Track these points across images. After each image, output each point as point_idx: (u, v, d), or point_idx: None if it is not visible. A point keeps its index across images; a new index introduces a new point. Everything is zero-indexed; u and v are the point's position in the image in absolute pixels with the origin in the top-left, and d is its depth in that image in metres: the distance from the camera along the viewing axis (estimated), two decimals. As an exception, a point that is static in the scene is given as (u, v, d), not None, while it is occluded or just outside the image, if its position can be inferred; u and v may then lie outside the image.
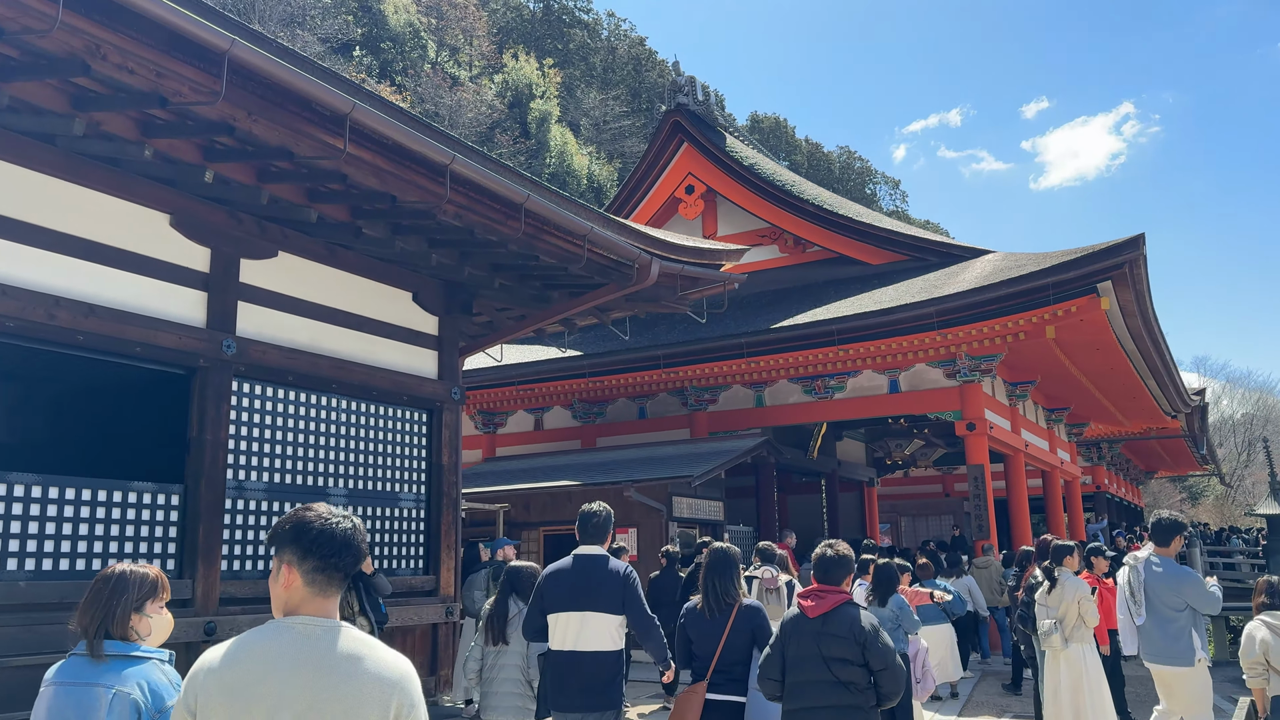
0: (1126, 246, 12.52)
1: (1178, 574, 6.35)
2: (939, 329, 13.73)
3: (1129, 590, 6.52)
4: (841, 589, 4.48)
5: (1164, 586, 6.31)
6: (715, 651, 4.82)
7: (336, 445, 9.13)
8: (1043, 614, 7.89)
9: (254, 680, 1.99)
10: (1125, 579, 6.61)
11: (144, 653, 2.85)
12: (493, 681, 5.87)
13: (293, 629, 2.07)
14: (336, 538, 2.15)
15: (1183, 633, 6.24)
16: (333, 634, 2.08)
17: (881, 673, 4.23)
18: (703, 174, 17.99)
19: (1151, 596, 6.35)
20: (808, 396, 16.50)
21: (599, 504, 5.45)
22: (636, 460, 14.91)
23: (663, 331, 16.75)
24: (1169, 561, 6.45)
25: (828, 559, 4.54)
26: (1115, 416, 22.03)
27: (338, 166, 7.12)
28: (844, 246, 16.97)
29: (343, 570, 2.16)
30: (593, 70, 61.90)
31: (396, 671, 2.08)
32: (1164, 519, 6.61)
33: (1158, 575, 6.36)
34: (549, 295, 10.58)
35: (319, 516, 2.18)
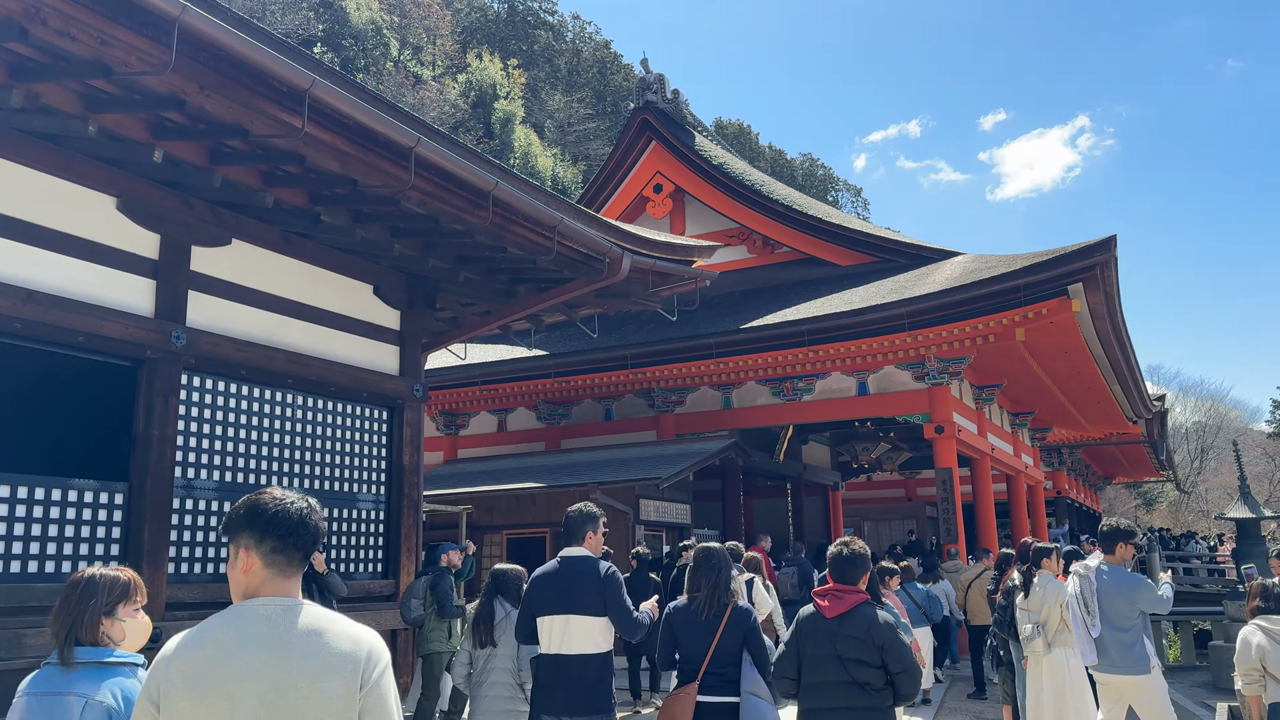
0: (1098, 249, 12.47)
1: (1128, 581, 6.16)
2: (910, 330, 13.59)
3: (1082, 601, 6.28)
4: (858, 589, 4.38)
5: (1115, 595, 6.12)
6: (707, 652, 4.74)
7: (292, 443, 8.74)
8: (1023, 618, 7.70)
9: (215, 665, 1.97)
10: (1077, 589, 6.36)
11: (117, 659, 2.77)
12: (482, 685, 5.73)
13: (253, 610, 2.06)
14: (292, 517, 2.16)
15: (1136, 641, 6.08)
16: (293, 613, 2.07)
17: (900, 675, 4.17)
18: (671, 173, 17.75)
19: (1104, 606, 6.15)
20: (776, 399, 16.30)
21: (580, 504, 5.30)
22: (602, 462, 14.61)
23: (630, 331, 16.47)
24: (1117, 569, 6.26)
25: (844, 558, 4.43)
26: (1079, 421, 22.11)
27: (295, 147, 6.76)
28: (813, 247, 16.81)
29: (301, 549, 2.16)
30: (557, 72, 61.56)
31: (360, 643, 2.07)
32: (1110, 526, 6.41)
33: (1108, 584, 6.17)
34: (516, 290, 10.26)
35: (273, 499, 2.18)
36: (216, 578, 7.91)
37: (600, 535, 5.17)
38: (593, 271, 9.34)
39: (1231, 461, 59.08)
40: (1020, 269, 12.93)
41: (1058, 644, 7.53)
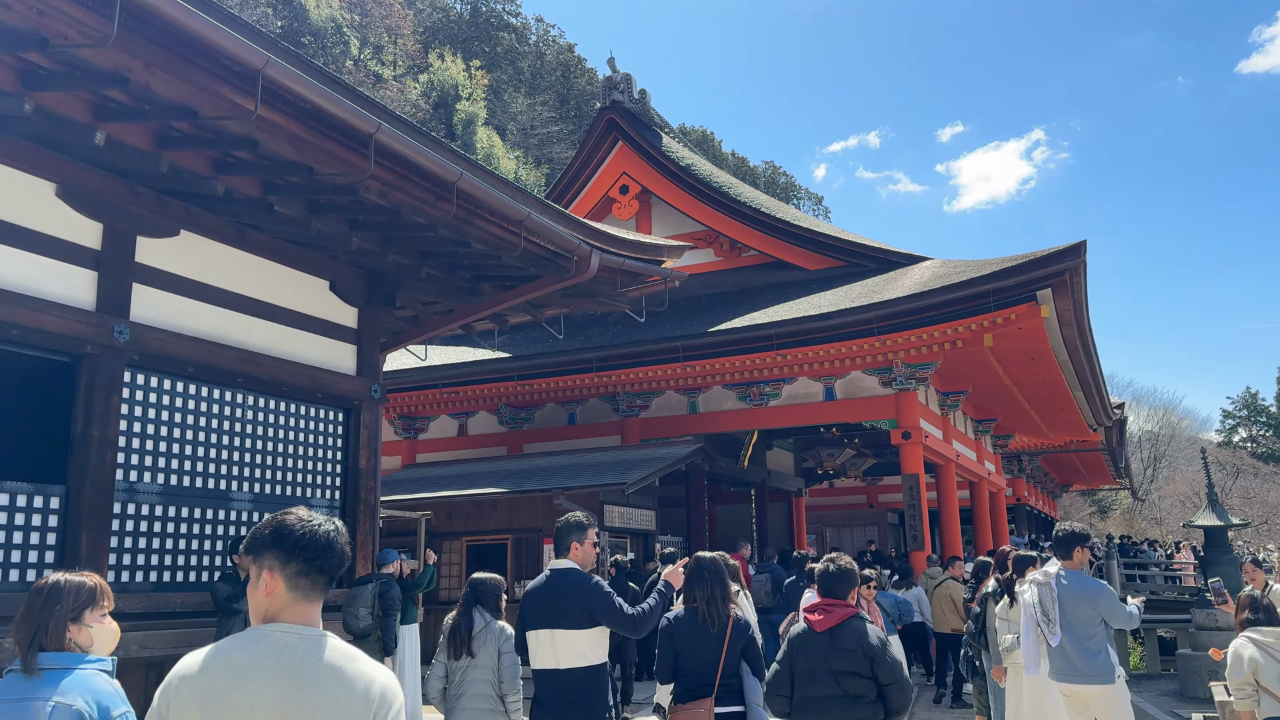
0: (1068, 254, 12.41)
1: (1089, 587, 5.95)
2: (880, 335, 13.44)
3: (1040, 609, 6.05)
4: (848, 603, 4.43)
5: (1078, 601, 5.89)
6: (715, 664, 4.71)
7: (242, 445, 8.33)
8: (1003, 628, 7.50)
9: (227, 690, 1.93)
10: (1035, 597, 6.10)
11: (83, 663, 2.72)
12: (460, 698, 5.52)
13: (271, 637, 2.01)
14: (320, 539, 2.09)
15: (1100, 649, 5.88)
16: (312, 643, 2.02)
17: (889, 686, 4.20)
18: (638, 174, 17.50)
19: (1066, 613, 5.92)
20: (743, 404, 16.09)
21: (569, 514, 5.19)
22: (566, 467, 14.29)
23: (596, 334, 16.17)
24: (1077, 574, 6.01)
25: (832, 573, 4.50)
26: (1041, 429, 22.19)
27: (248, 131, 6.39)
28: (781, 251, 16.63)
29: (327, 574, 2.10)
30: (521, 75, 61.14)
31: (378, 685, 2.02)
32: (1065, 531, 6.19)
33: (1068, 590, 5.94)
34: (479, 288, 9.92)
35: (300, 520, 2.12)
36: (160, 587, 7.49)
37: (589, 545, 5.00)
38: (560, 269, 9.04)
39: (1183, 470, 60.20)
40: (990, 274, 12.83)
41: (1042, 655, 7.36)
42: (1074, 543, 6.04)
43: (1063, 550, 6.07)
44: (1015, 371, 16.27)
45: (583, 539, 5.02)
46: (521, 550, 13.37)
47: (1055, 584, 5.95)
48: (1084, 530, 6.13)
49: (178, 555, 7.74)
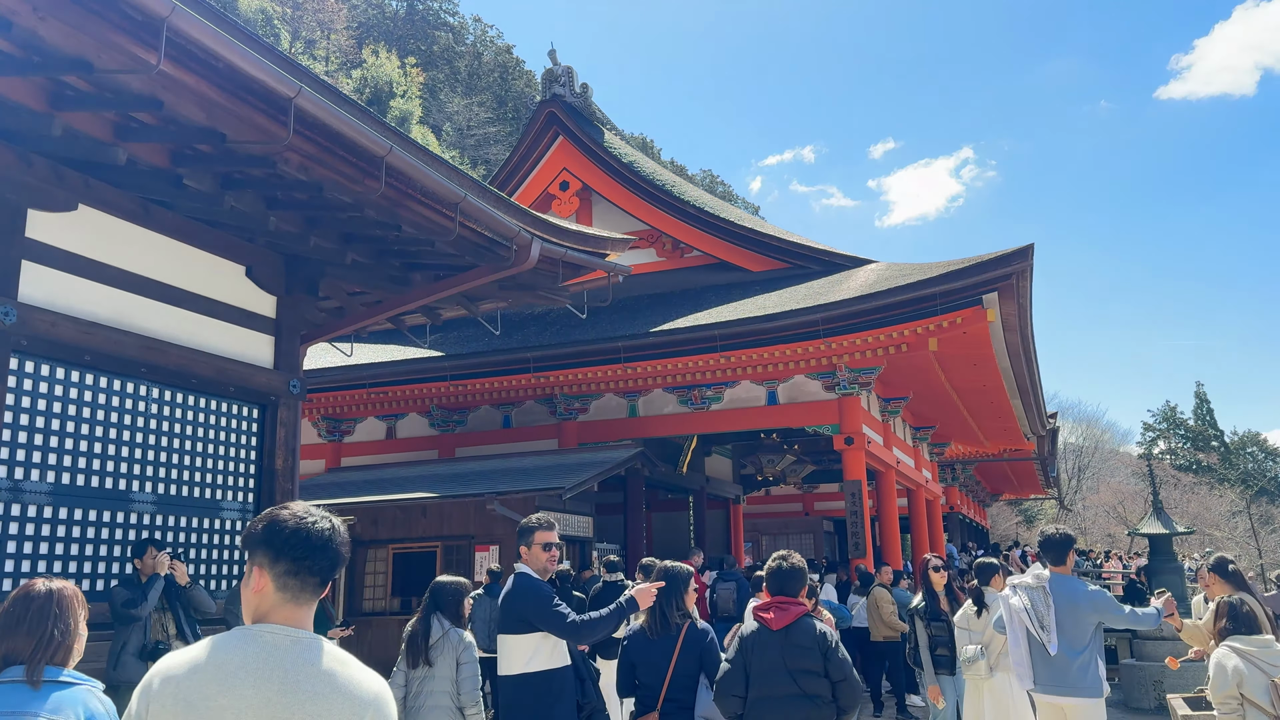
0: (1015, 257, 12.24)
1: (1085, 592, 5.61)
2: (825, 337, 13.13)
3: (1035, 617, 5.62)
4: (800, 600, 4.41)
5: (1072, 608, 5.53)
6: (665, 677, 4.59)
7: (145, 441, 7.60)
8: (963, 638, 7.14)
9: (212, 693, 1.85)
10: (1027, 604, 5.68)
11: (73, 678, 2.63)
12: (419, 710, 5.28)
13: (260, 638, 1.92)
14: (312, 538, 1.99)
15: (1092, 662, 5.54)
16: (302, 646, 1.93)
17: (840, 684, 4.20)
18: (578, 170, 16.98)
19: (1061, 621, 5.54)
20: (684, 407, 15.66)
21: (528, 516, 5.10)
22: (500, 471, 13.68)
23: (533, 334, 15.59)
24: (1068, 579, 5.63)
25: (784, 571, 4.48)
26: (978, 437, 22.20)
27: (151, 90, 5.74)
28: (724, 252, 16.27)
29: (318, 575, 2.00)
30: (457, 74, 60.23)
31: (369, 691, 1.93)
32: (1055, 534, 5.79)
33: (1063, 596, 5.59)
34: (410, 277, 9.30)
35: (293, 515, 2.02)
36: (44, 598, 6.71)
37: (537, 549, 4.82)
38: (498, 259, 8.48)
39: (1108, 480, 61.46)
40: (937, 276, 12.61)
41: (1001, 667, 7.00)
42: (1066, 546, 5.67)
43: (1054, 554, 5.69)
44: (957, 377, 16.13)
45: (529, 542, 4.84)
46: (452, 559, 12.72)
47: (1048, 586, 5.58)
48: (1071, 533, 5.78)
49: (69, 561, 7.00)
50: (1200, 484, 57.26)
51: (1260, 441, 78.55)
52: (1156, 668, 10.83)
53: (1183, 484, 55.61)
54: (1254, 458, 77.96)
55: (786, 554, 4.60)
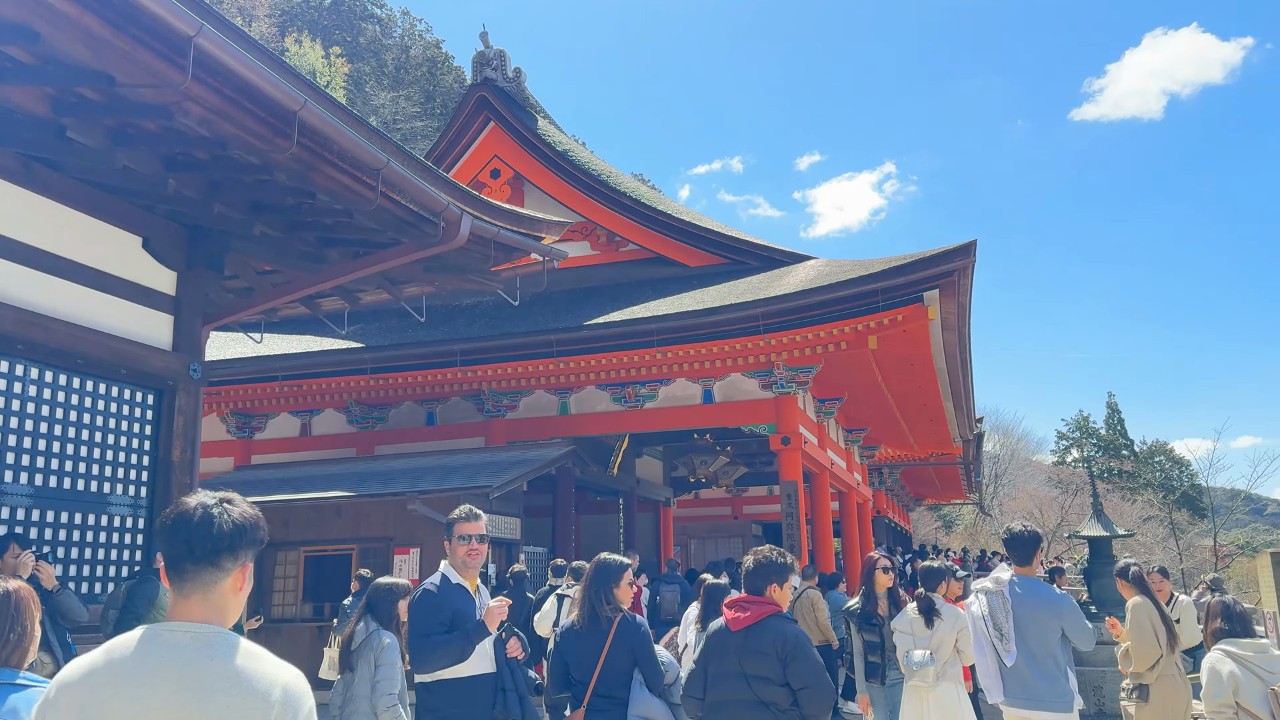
0: (958, 253, 11.99)
1: (1049, 598, 5.14)
2: (765, 333, 12.71)
3: (992, 624, 5.19)
4: (768, 599, 4.08)
5: (1035, 614, 5.08)
6: (594, 672, 4.30)
7: (21, 428, 6.76)
8: (906, 642, 6.70)
9: (108, 697, 1.76)
10: (984, 609, 5.24)
11: (29, 680, 2.55)
12: (343, 716, 4.98)
13: (158, 638, 1.82)
14: (190, 524, 1.87)
15: (1060, 671, 5.07)
16: (203, 642, 1.81)
17: (802, 691, 3.90)
18: (510, 157, 16.32)
19: (1021, 628, 5.07)
20: (617, 405, 15.11)
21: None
22: (424, 470, 12.95)
23: (461, 325, 14.86)
24: (1034, 582, 5.16)
25: (752, 568, 4.16)
26: (908, 440, 22.13)
27: (26, 18, 4.99)
28: (661, 246, 15.77)
29: (197, 561, 1.85)
30: (384, 68, 58.78)
31: (279, 685, 1.81)
32: (1022, 531, 5.29)
33: (1025, 601, 5.12)
34: (326, 254, 8.58)
35: (178, 503, 1.92)
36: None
37: (456, 544, 4.43)
38: (423, 236, 7.83)
39: (1025, 486, 62.76)
40: (880, 271, 12.30)
41: (948, 677, 6.59)
42: (1033, 545, 5.19)
43: (1020, 553, 5.20)
44: (893, 378, 15.91)
45: (449, 536, 4.43)
46: (369, 562, 11.94)
47: (1009, 593, 5.11)
48: (1038, 530, 5.34)
49: (-76, 564, 6.13)
50: (1114, 490, 58.82)
51: (1167, 451, 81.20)
52: (1095, 673, 10.63)
53: (1099, 491, 56.93)
54: (1161, 466, 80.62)
55: (759, 548, 4.29)
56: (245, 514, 1.91)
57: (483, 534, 4.43)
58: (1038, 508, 56.28)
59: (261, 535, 1.94)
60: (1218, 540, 47.97)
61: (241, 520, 1.90)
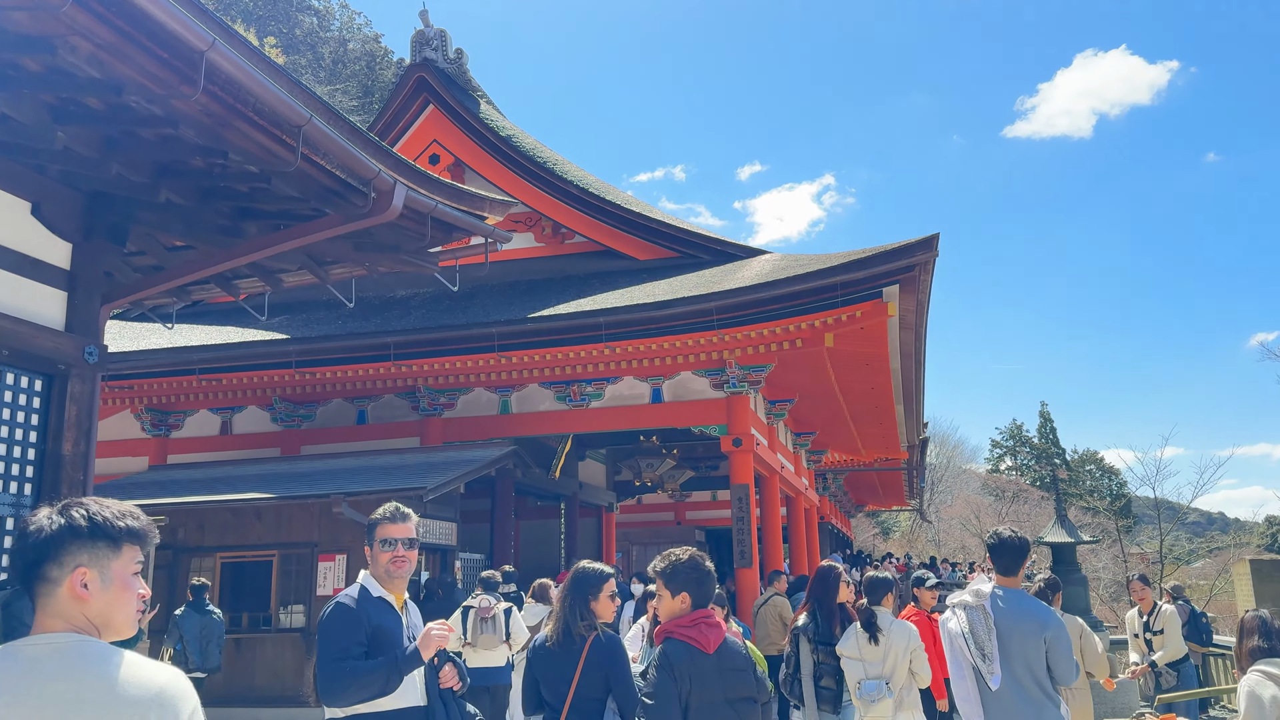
0: (919, 247, 11.53)
1: (1035, 614, 4.41)
2: (720, 328, 12.11)
3: (973, 643, 4.48)
4: (711, 611, 3.69)
5: (1021, 632, 4.34)
6: (567, 695, 3.83)
7: (-128, 415, 5.83)
8: (856, 670, 6.05)
9: None
10: (963, 626, 4.52)
11: None
12: None
13: (19, 653, 1.74)
14: (25, 537, 1.83)
15: (1047, 699, 4.38)
16: (66, 653, 1.73)
17: (766, 706, 3.75)
18: (450, 143, 15.49)
19: (1007, 647, 4.37)
20: (561, 404, 14.37)
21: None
22: (353, 470, 12.08)
23: (395, 317, 13.99)
24: (1019, 595, 4.49)
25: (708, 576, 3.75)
26: (857, 445, 21.75)
27: None
28: (609, 238, 15.09)
29: (29, 575, 1.80)
30: (321, 61, 57.29)
31: (150, 689, 1.72)
32: (1011, 537, 4.61)
33: (1009, 617, 4.40)
34: (243, 228, 7.73)
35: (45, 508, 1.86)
36: None
37: (378, 551, 3.66)
38: (351, 207, 7.05)
39: (962, 492, 63.42)
40: (839, 265, 11.79)
41: (906, 705, 6.00)
42: (1020, 553, 4.55)
43: (1004, 561, 4.56)
44: (847, 378, 15.44)
45: (371, 540, 3.70)
46: (290, 569, 11.07)
47: (991, 607, 4.49)
48: (1027, 538, 4.74)
49: None
50: (1049, 499, 59.69)
51: (1098, 460, 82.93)
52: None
53: (1033, 498, 57.89)
54: (1092, 475, 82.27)
55: (676, 551, 3.82)
56: (85, 514, 1.81)
57: (412, 538, 3.69)
58: (974, 515, 56.83)
59: (115, 532, 1.82)
60: (1144, 548, 48.90)
61: (70, 522, 1.80)
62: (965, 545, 58.31)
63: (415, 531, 3.72)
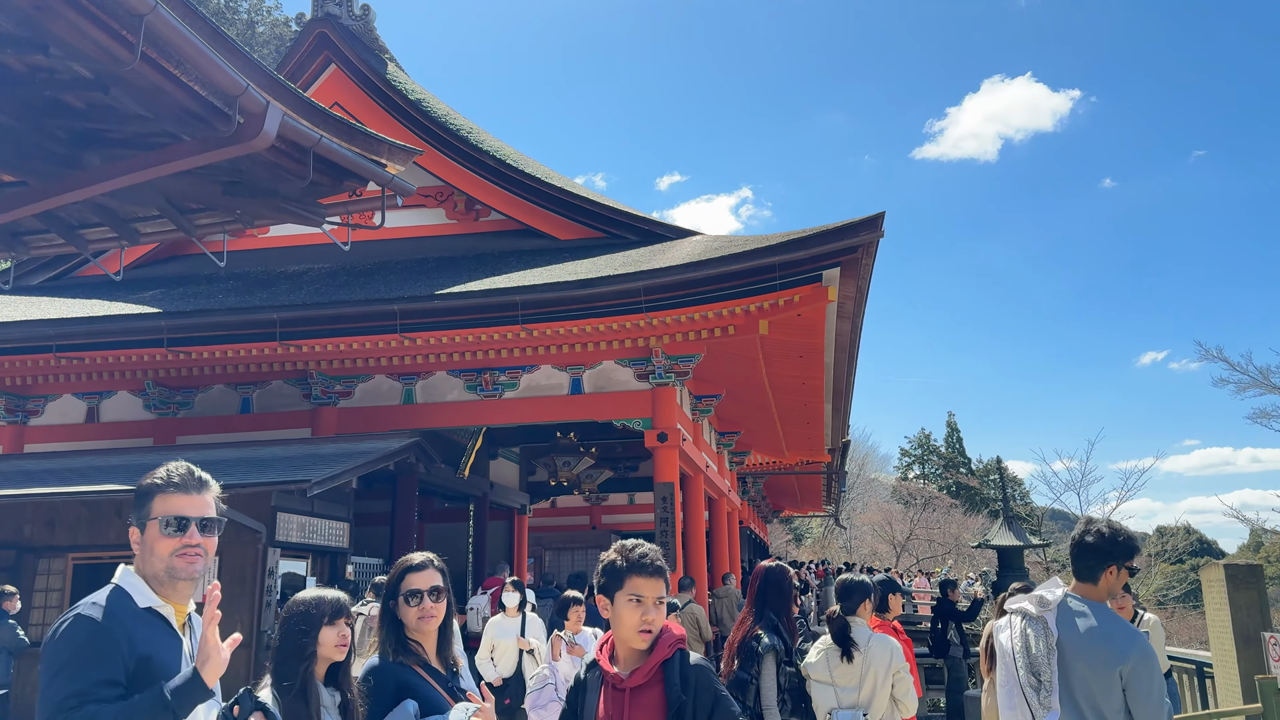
0: (864, 226, 10.68)
1: (1114, 637, 3.34)
2: (647, 311, 11.05)
3: (1025, 663, 3.45)
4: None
5: (1088, 656, 3.33)
6: None
7: None
8: (826, 696, 5.04)
9: None
10: (1017, 641, 3.51)
11: None
12: None
13: None
14: None
15: None
16: None
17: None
18: (354, 106, 14.09)
19: (1070, 673, 3.34)
20: (472, 394, 13.13)
21: None
22: (230, 462, 10.66)
23: (284, 292, 12.56)
24: (1097, 610, 3.42)
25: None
26: (781, 446, 20.97)
27: None
28: (529, 215, 13.89)
29: None
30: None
31: None
32: (1096, 534, 3.47)
33: (1076, 635, 3.38)
34: (84, 158, 6.38)
35: None
36: None
37: (156, 541, 2.48)
38: (212, 132, 5.79)
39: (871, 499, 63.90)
40: (778, 244, 10.87)
41: None
42: (1106, 555, 3.44)
43: (1083, 563, 3.49)
44: (778, 372, 14.56)
45: (141, 519, 2.59)
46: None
47: (1054, 620, 3.48)
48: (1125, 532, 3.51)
49: None
50: (957, 507, 60.40)
51: (1002, 469, 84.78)
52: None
53: (943, 505, 58.54)
54: (995, 484, 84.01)
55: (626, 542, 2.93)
56: None
57: (209, 518, 2.52)
58: (887, 521, 57.09)
59: None
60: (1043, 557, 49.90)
61: None
62: (876, 551, 58.60)
63: (212, 507, 2.55)
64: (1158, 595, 37.95)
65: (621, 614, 2.75)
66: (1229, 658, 7.64)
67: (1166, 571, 43.17)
